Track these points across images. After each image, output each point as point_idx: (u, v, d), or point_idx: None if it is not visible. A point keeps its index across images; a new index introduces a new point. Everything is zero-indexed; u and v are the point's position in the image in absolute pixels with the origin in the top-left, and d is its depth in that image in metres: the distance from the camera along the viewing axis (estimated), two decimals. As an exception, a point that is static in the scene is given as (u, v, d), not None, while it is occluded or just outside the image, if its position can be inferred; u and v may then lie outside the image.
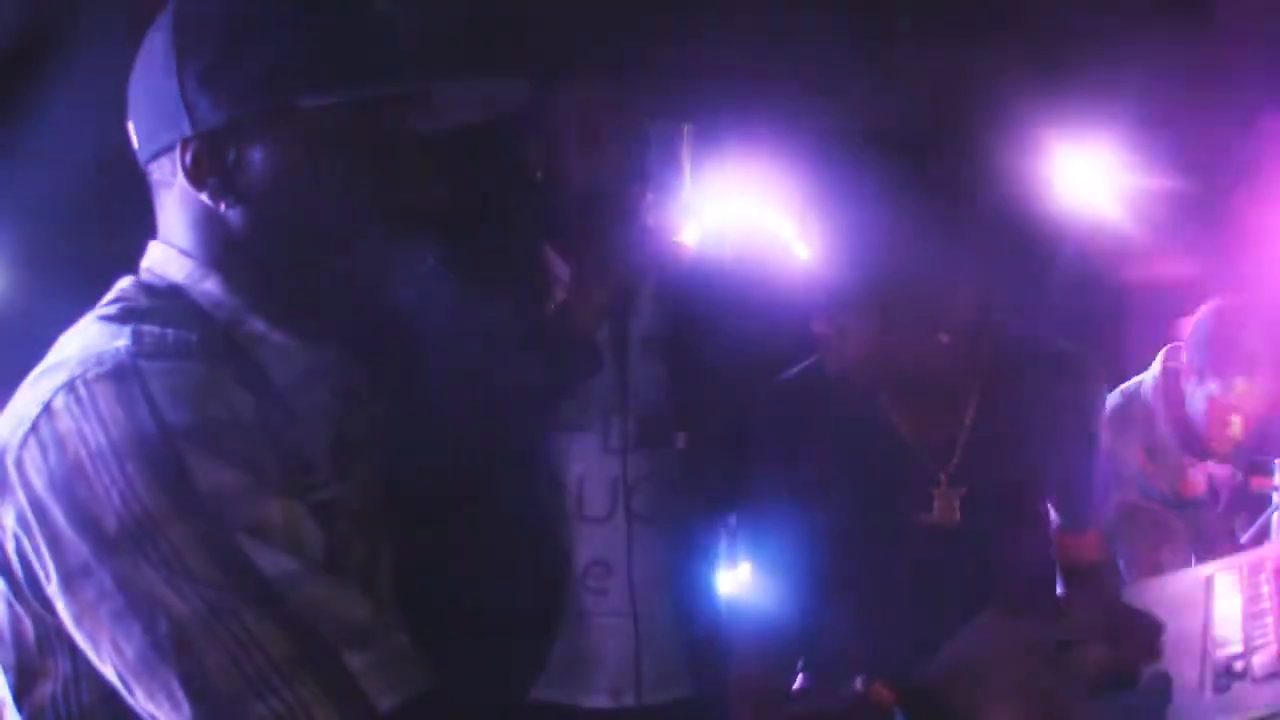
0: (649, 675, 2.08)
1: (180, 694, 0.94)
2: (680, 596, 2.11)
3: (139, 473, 0.97)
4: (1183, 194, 4.25)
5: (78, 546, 0.97)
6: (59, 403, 1.01)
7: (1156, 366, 2.94)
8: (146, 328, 1.08)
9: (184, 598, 0.95)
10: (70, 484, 0.98)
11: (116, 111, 1.22)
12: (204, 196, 1.13)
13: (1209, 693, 1.04)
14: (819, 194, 1.80)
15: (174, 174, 1.14)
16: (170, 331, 1.08)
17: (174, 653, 0.94)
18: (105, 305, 1.14)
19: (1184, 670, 1.09)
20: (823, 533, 1.84)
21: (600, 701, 2.07)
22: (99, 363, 1.03)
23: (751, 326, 2.18)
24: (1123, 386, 3.00)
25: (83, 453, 0.98)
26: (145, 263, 1.19)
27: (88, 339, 1.08)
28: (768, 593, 1.88)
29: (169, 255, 1.16)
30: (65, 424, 1.00)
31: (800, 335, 1.88)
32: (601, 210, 2.06)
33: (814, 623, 1.87)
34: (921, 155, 1.73)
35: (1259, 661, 1.06)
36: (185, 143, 1.12)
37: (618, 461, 2.10)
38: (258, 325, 1.13)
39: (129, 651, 0.96)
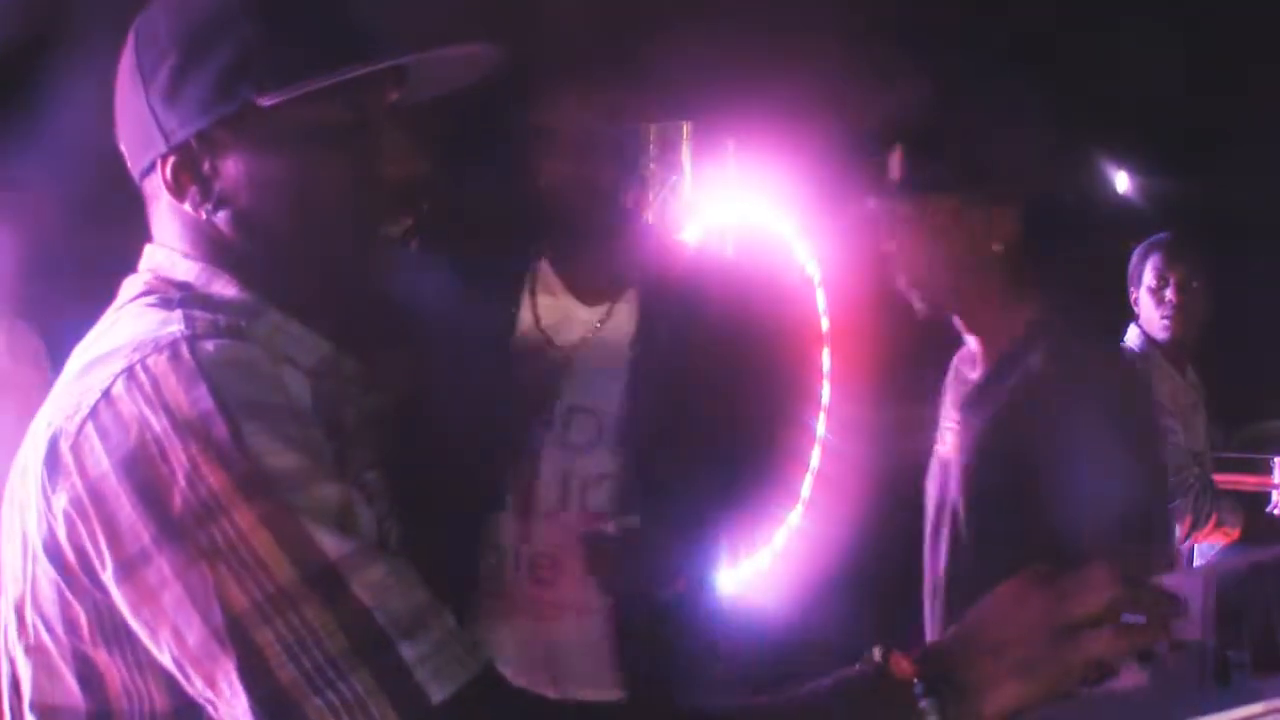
0: (616, 669, 2.10)
1: (238, 685, 0.95)
2: (647, 591, 2.13)
3: (203, 455, 0.97)
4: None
5: (138, 531, 0.98)
6: (119, 388, 1.01)
7: None
8: (197, 312, 1.09)
9: (244, 587, 0.95)
10: (133, 468, 0.98)
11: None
12: (187, 207, 1.15)
13: (1209, 686, 1.04)
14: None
15: (160, 188, 1.17)
16: (220, 316, 1.09)
17: (232, 644, 0.95)
18: (140, 298, 1.15)
19: (1185, 663, 1.09)
20: None
21: (564, 694, 2.08)
22: (156, 347, 1.03)
23: (730, 331, 2.19)
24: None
25: (146, 436, 0.99)
26: (147, 265, 1.20)
27: (138, 325, 1.09)
28: None
29: (174, 259, 1.17)
30: (127, 408, 1.00)
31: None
32: (589, 211, 2.08)
33: None
34: None
35: (1257, 657, 1.07)
36: (163, 158, 1.15)
37: (572, 457, 2.12)
38: (275, 316, 1.14)
39: (189, 640, 0.97)
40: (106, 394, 1.02)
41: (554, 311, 2.13)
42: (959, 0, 4.43)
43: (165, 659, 1.00)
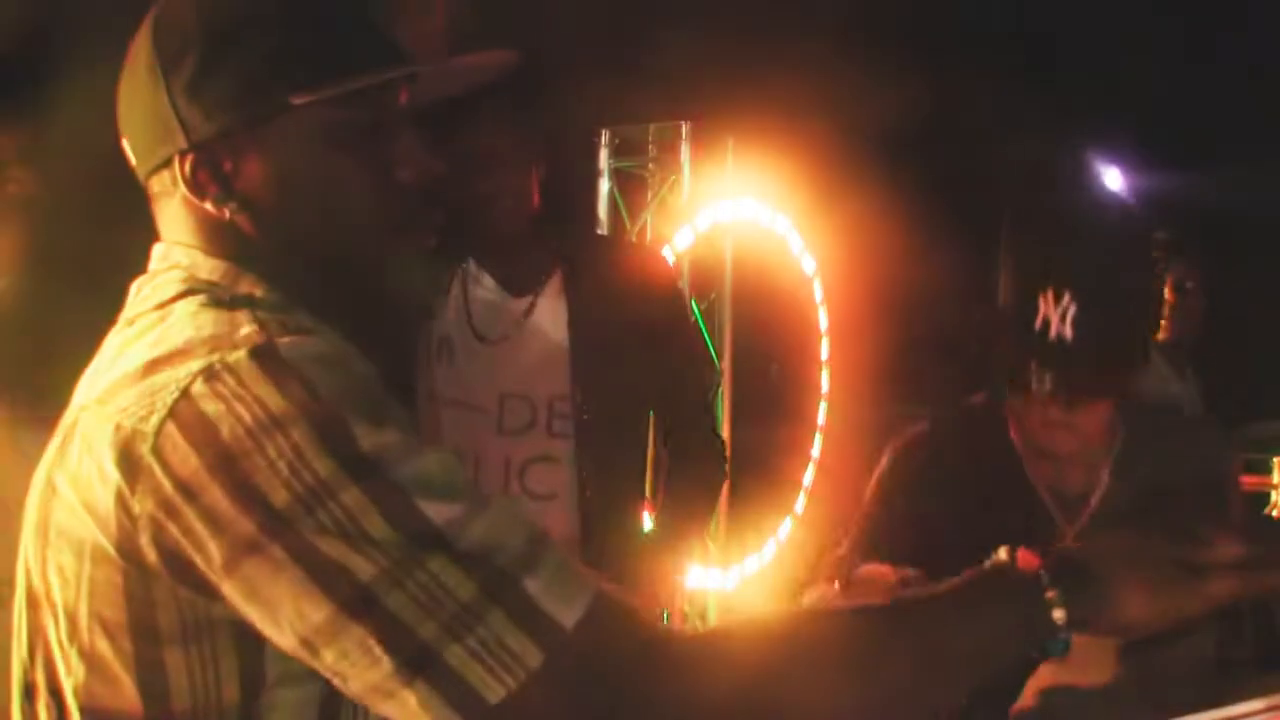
0: None
1: (377, 648, 0.95)
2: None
3: (305, 440, 0.97)
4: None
5: (243, 523, 0.97)
6: (199, 387, 1.00)
7: None
8: (259, 312, 1.08)
9: (365, 557, 0.96)
10: (228, 462, 0.98)
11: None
12: (208, 205, 1.13)
13: (1210, 682, 1.05)
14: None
15: (175, 185, 1.14)
16: (283, 315, 1.09)
17: (364, 610, 0.96)
18: (185, 297, 1.12)
19: (1188, 658, 1.10)
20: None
21: None
22: (233, 346, 1.02)
23: (655, 316, 2.30)
24: None
25: (239, 430, 0.98)
26: (168, 263, 1.17)
27: (199, 324, 1.07)
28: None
29: (195, 257, 1.15)
30: (212, 405, 0.99)
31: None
32: (507, 211, 2.22)
33: None
34: None
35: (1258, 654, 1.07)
36: (182, 155, 1.12)
37: (510, 443, 2.23)
38: (302, 317, 1.13)
39: (316, 616, 0.96)
40: (185, 393, 1.00)
41: (484, 305, 2.26)
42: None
43: (288, 640, 0.99)
